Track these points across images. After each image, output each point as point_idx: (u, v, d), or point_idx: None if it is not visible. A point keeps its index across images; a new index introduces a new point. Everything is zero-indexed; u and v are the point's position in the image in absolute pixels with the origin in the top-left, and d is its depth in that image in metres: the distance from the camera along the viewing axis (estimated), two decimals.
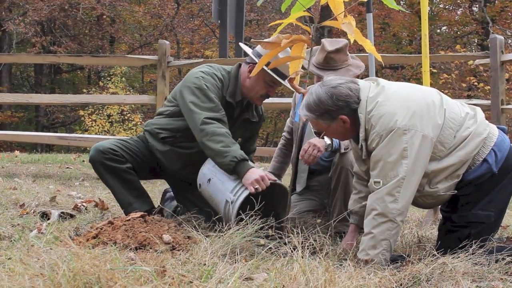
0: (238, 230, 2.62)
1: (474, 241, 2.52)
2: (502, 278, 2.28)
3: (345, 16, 2.69)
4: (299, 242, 2.36)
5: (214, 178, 3.08)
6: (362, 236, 2.59)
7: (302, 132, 3.51)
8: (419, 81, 13.60)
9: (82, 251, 2.01)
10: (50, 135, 7.80)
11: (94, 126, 17.81)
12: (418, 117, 2.53)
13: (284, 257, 2.38)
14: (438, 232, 2.85)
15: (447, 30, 21.12)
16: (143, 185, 3.38)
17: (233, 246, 2.50)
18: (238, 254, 2.43)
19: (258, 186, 2.90)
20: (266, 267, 2.28)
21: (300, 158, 3.30)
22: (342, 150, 3.30)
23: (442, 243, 2.67)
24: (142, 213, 2.91)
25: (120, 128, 17.95)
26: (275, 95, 6.76)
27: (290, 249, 2.40)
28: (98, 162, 3.20)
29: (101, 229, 2.71)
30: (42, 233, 2.81)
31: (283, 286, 1.98)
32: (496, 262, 2.42)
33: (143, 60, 8.20)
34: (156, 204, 3.48)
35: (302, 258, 2.16)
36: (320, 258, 2.22)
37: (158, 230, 2.72)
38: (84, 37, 21.21)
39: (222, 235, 2.59)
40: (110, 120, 18.24)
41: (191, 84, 3.19)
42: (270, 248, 2.54)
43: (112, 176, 3.22)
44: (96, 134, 16.85)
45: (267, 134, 20.66)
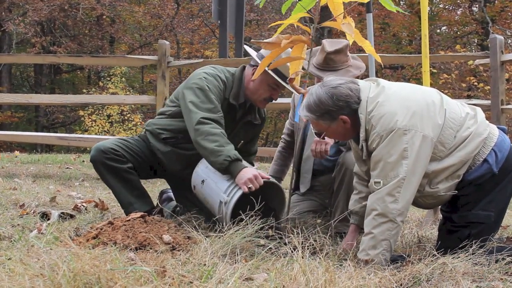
0: (238, 230, 2.62)
1: (474, 241, 2.52)
2: (502, 278, 2.28)
3: (344, 17, 2.69)
4: (299, 242, 2.36)
5: (208, 179, 3.07)
6: (362, 236, 2.60)
7: (304, 133, 3.50)
8: (419, 81, 13.60)
9: (82, 252, 2.01)
10: (50, 135, 7.79)
11: (94, 126, 17.81)
12: (419, 117, 2.53)
13: (284, 257, 2.38)
14: (438, 232, 2.85)
15: (447, 30, 21.11)
16: (143, 184, 3.39)
17: (233, 246, 2.50)
18: (238, 254, 2.43)
19: (251, 186, 2.89)
20: (266, 267, 2.28)
21: (312, 155, 3.31)
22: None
23: (442, 243, 2.67)
24: (142, 213, 2.91)
25: (120, 128, 17.95)
26: None
27: (290, 249, 2.40)
28: (99, 162, 3.20)
29: (101, 229, 2.71)
30: (42, 233, 2.81)
31: (283, 286, 1.98)
32: (496, 262, 2.42)
33: (143, 60, 8.19)
34: (156, 204, 3.48)
35: (302, 258, 2.16)
36: (320, 258, 2.22)
37: (158, 231, 2.72)
38: (84, 37, 21.20)
39: (222, 236, 2.59)
40: (110, 120, 18.25)
41: (193, 84, 3.19)
42: (270, 248, 2.54)
43: (113, 176, 3.22)
44: (96, 134, 16.85)
45: (267, 134, 20.66)
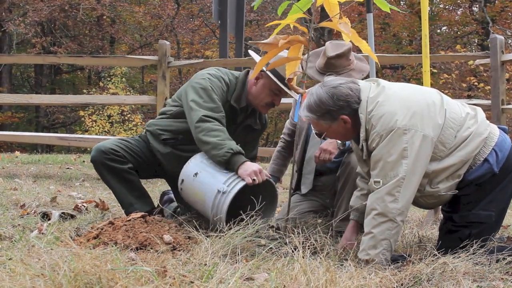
0: (239, 230, 2.62)
1: (475, 241, 2.52)
2: (503, 278, 2.28)
3: (340, 17, 2.69)
4: (300, 242, 2.36)
5: (202, 172, 3.02)
6: (363, 236, 2.59)
7: (307, 134, 3.49)
8: (420, 81, 13.61)
9: (83, 252, 2.01)
10: (51, 136, 7.77)
11: (95, 126, 17.82)
12: (419, 117, 2.53)
13: (285, 257, 2.38)
14: (439, 232, 2.85)
15: (447, 30, 21.11)
16: (144, 185, 3.39)
17: (233, 246, 2.50)
18: (239, 254, 2.43)
19: (255, 178, 2.89)
20: (267, 267, 2.28)
21: (315, 162, 3.31)
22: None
23: (443, 243, 2.67)
24: (142, 213, 2.91)
25: (120, 128, 17.97)
26: None
27: (291, 249, 2.40)
28: (100, 162, 3.20)
29: (101, 229, 2.71)
30: (42, 233, 2.81)
31: (284, 286, 1.98)
32: (497, 262, 2.42)
33: (143, 60, 8.19)
34: (156, 204, 3.48)
35: (303, 258, 2.15)
36: (321, 258, 2.21)
37: (159, 231, 2.72)
38: (84, 37, 21.21)
39: (223, 235, 2.59)
40: (110, 120, 18.26)
41: (197, 84, 3.19)
42: (271, 248, 2.54)
43: (113, 176, 3.22)
44: (96, 134, 16.87)
45: (267, 134, 20.65)
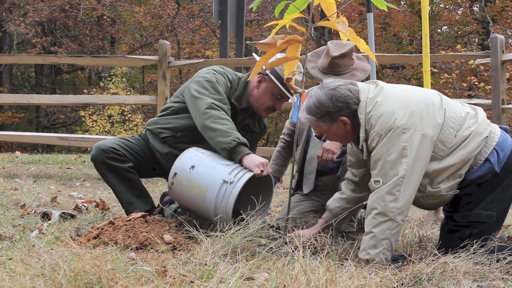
0: (239, 230, 2.62)
1: (475, 240, 2.52)
2: (503, 278, 2.28)
3: (338, 16, 2.69)
4: (300, 242, 2.37)
5: (199, 165, 2.96)
6: (363, 235, 2.59)
7: (308, 134, 3.50)
8: (420, 80, 13.60)
9: (83, 251, 2.01)
10: (51, 136, 7.77)
11: (95, 126, 17.83)
12: (418, 116, 2.53)
13: (285, 256, 2.38)
14: (440, 231, 2.85)
15: (448, 30, 21.10)
16: (144, 184, 3.39)
17: (234, 246, 2.50)
18: (239, 254, 2.43)
19: (263, 169, 2.88)
20: (267, 267, 2.28)
21: (318, 161, 3.32)
22: None
23: (443, 243, 2.67)
24: (143, 213, 2.91)
25: (121, 128, 17.97)
26: None
27: (291, 249, 2.40)
28: (100, 161, 3.20)
29: (102, 229, 2.71)
30: (43, 233, 2.82)
31: (284, 285, 1.98)
32: (497, 261, 2.42)
33: (144, 60, 8.19)
34: (156, 204, 3.48)
35: (303, 257, 2.15)
36: (321, 258, 2.21)
37: (159, 230, 2.73)
38: (84, 37, 21.22)
39: (223, 235, 2.59)
40: (110, 120, 18.27)
41: (201, 78, 3.18)
42: (271, 248, 2.54)
43: (113, 175, 3.22)
44: (96, 134, 16.88)
45: (268, 134, 20.64)
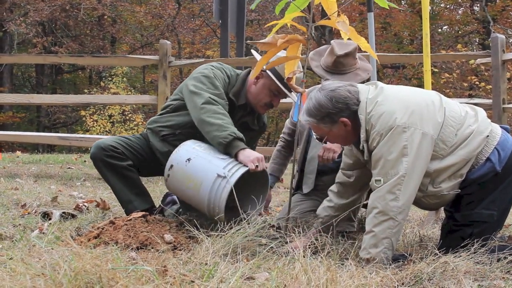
0: (240, 229, 2.62)
1: (476, 240, 2.52)
2: (504, 277, 2.28)
3: (338, 15, 2.69)
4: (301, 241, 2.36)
5: (195, 158, 2.95)
6: (364, 234, 2.59)
7: (308, 134, 3.49)
8: (421, 80, 13.60)
9: (84, 251, 2.01)
10: (52, 136, 7.77)
11: (96, 126, 17.84)
12: (418, 115, 2.53)
13: (285, 256, 2.38)
14: (440, 231, 2.85)
15: (448, 30, 21.09)
16: (144, 184, 3.38)
17: (234, 245, 2.50)
18: (239, 254, 2.42)
19: (258, 164, 2.87)
20: (268, 267, 2.28)
21: (319, 161, 3.31)
22: None
23: (444, 242, 2.66)
24: (143, 213, 2.91)
25: (121, 128, 17.97)
26: None
27: (292, 248, 2.40)
28: (99, 159, 3.20)
29: (102, 229, 2.71)
30: (43, 233, 2.82)
31: (285, 285, 1.98)
32: (498, 261, 2.42)
33: (144, 60, 8.19)
34: (157, 204, 3.48)
35: (304, 257, 2.15)
36: (321, 258, 2.21)
37: (160, 230, 2.73)
38: (85, 37, 21.24)
39: (224, 235, 2.59)
40: (111, 120, 18.28)
41: (199, 74, 3.18)
42: (272, 247, 2.54)
43: (112, 173, 3.21)
44: (97, 134, 16.88)
45: (269, 134, 20.65)
